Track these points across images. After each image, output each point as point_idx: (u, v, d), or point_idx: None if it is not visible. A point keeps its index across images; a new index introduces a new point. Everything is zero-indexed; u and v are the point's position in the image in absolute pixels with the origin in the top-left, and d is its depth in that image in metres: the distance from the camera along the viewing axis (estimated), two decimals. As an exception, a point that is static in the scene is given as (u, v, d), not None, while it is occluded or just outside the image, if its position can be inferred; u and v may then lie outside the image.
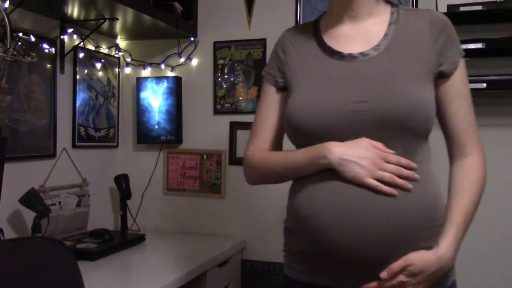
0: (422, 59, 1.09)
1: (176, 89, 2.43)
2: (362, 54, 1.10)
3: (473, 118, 1.14)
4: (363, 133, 1.03)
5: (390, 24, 1.13)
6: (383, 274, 1.01)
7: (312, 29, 1.22)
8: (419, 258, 1.01)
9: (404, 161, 1.03)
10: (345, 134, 1.05)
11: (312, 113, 1.08)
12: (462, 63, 1.13)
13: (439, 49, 1.10)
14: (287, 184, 1.25)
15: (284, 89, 1.22)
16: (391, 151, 1.03)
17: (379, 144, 1.03)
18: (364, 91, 1.04)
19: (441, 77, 1.11)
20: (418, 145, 1.08)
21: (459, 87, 1.12)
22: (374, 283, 1.02)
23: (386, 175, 1.01)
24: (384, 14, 1.16)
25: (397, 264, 1.01)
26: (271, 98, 1.24)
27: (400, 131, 1.03)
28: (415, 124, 1.04)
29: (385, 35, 1.12)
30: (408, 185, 1.02)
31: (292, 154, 1.14)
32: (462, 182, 1.11)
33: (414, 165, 1.04)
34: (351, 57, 1.11)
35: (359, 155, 1.02)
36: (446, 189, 1.12)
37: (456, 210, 1.07)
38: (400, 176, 1.02)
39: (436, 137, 1.16)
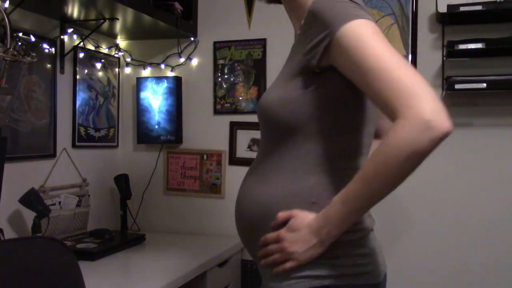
0: (292, 57, 1.07)
1: (176, 89, 2.43)
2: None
3: (385, 81, 0.86)
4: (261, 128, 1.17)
5: (300, 26, 1.07)
6: (273, 223, 1.04)
7: None
8: (302, 214, 1.01)
9: None
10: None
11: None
12: (340, 38, 0.92)
13: (305, 42, 1.01)
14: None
15: None
16: None
17: None
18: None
19: (319, 66, 1.00)
20: (289, 141, 1.06)
21: (346, 63, 0.95)
22: (263, 237, 1.06)
23: None
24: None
25: (284, 213, 1.02)
26: None
27: (268, 127, 1.11)
28: (275, 122, 1.07)
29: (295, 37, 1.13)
30: None
31: None
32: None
33: None
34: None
35: None
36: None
37: (347, 187, 0.95)
38: None
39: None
